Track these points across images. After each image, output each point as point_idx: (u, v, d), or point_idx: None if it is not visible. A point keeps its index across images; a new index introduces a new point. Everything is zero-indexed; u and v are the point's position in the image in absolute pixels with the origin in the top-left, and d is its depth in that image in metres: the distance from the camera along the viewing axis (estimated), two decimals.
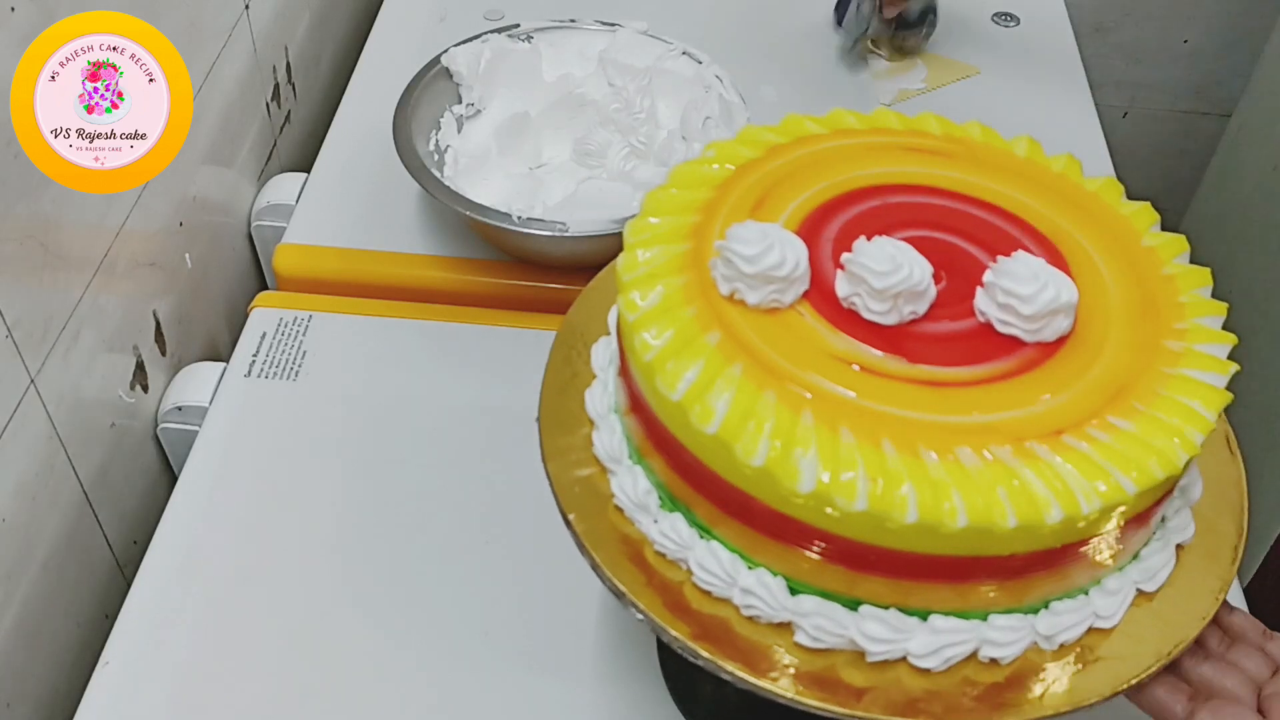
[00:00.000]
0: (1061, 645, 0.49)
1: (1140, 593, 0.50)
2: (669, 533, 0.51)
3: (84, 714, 0.64)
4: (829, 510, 0.44)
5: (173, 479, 0.79)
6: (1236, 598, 0.70)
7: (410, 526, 0.73)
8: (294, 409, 0.79)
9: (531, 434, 0.56)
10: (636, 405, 0.51)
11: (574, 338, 0.60)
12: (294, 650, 0.67)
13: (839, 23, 1.05)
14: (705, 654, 0.48)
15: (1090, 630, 0.49)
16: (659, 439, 0.50)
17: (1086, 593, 0.49)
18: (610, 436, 0.54)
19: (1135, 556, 0.50)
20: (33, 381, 0.66)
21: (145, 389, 0.80)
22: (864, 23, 1.02)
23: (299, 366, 0.81)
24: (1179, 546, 0.52)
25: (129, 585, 0.70)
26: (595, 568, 0.51)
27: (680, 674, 0.65)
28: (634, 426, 0.53)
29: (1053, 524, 0.44)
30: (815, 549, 0.46)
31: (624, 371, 0.53)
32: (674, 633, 0.49)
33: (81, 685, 0.66)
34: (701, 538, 0.50)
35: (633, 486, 0.52)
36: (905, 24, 1.04)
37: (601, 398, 0.56)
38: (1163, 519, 0.51)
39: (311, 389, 0.80)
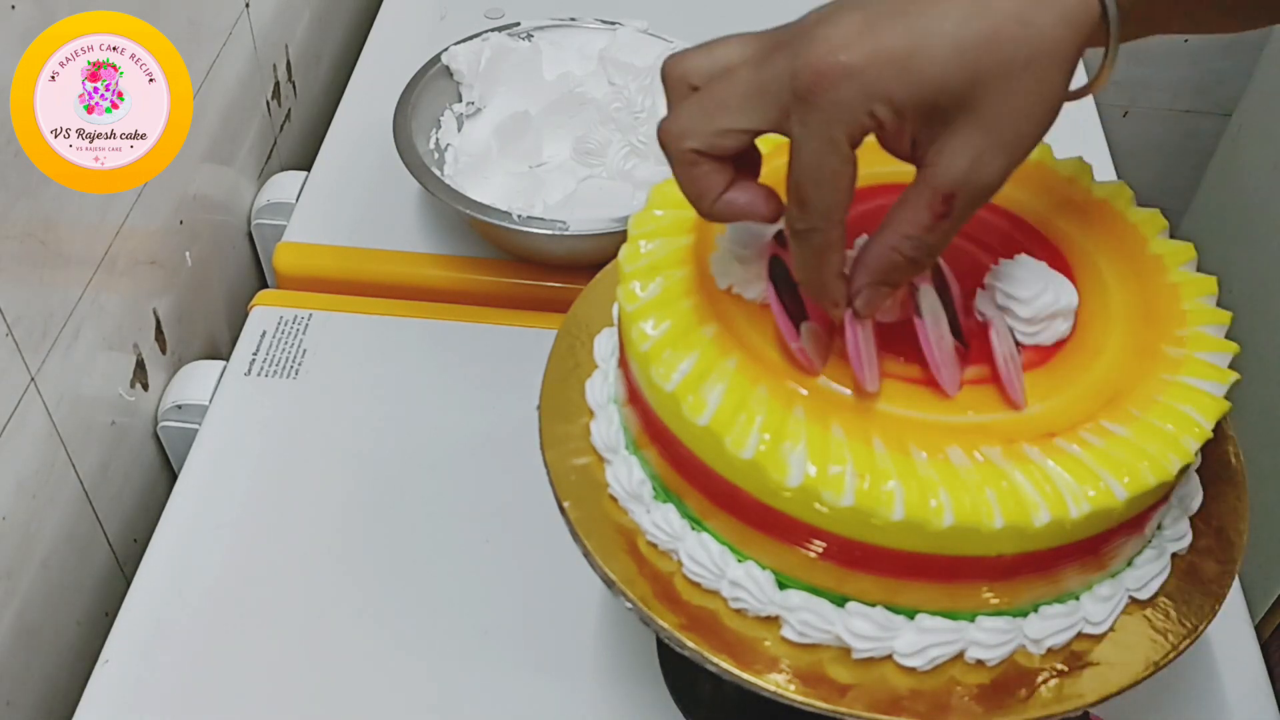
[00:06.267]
0: (1049, 649, 0.49)
1: (1133, 600, 0.50)
2: (661, 523, 0.51)
3: (84, 712, 0.64)
4: (816, 505, 0.44)
5: (172, 477, 0.79)
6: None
7: (410, 525, 0.73)
8: (294, 407, 0.79)
9: (531, 433, 0.56)
10: (634, 395, 0.52)
11: (578, 328, 0.60)
12: (293, 649, 0.67)
13: None
14: (692, 645, 0.49)
15: (1080, 635, 0.49)
16: (654, 430, 0.50)
17: (1077, 598, 0.49)
18: (608, 426, 0.54)
19: (1129, 563, 0.50)
20: (33, 380, 0.66)
21: (145, 387, 0.80)
22: None
23: (299, 365, 0.81)
24: (1175, 555, 0.52)
25: (129, 583, 0.70)
26: (587, 555, 0.52)
27: (680, 672, 0.65)
28: (631, 417, 0.53)
29: (1040, 526, 0.43)
30: (804, 544, 0.46)
31: (623, 362, 0.53)
32: (661, 623, 0.49)
33: (81, 683, 0.66)
34: (693, 529, 0.50)
35: (627, 476, 0.52)
36: None
37: (601, 388, 0.56)
38: (1159, 526, 0.51)
39: (312, 387, 0.80)
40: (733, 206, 0.44)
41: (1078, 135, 1.00)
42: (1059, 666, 0.49)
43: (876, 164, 0.56)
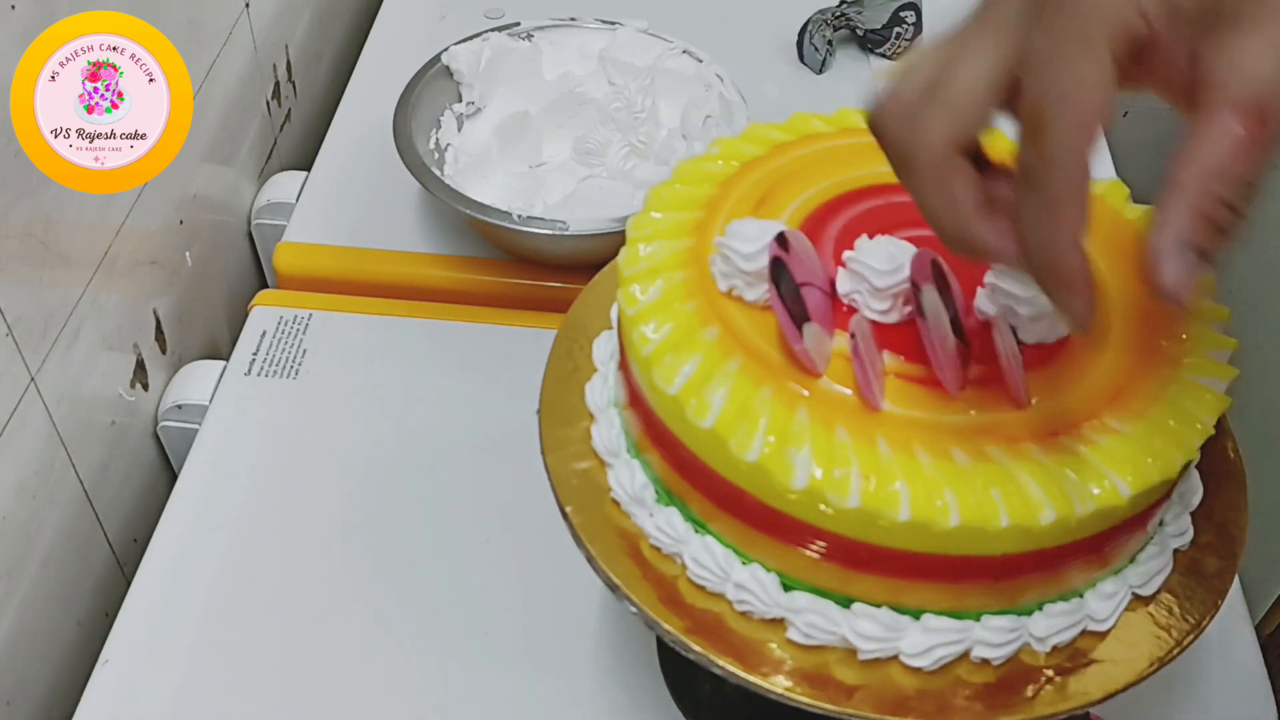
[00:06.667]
0: (1054, 647, 0.49)
1: (1136, 596, 0.50)
2: (664, 527, 0.51)
3: (84, 712, 0.64)
4: (822, 507, 0.44)
5: (172, 477, 0.79)
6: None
7: (410, 525, 0.73)
8: (294, 407, 0.79)
9: (531, 433, 0.56)
10: (635, 399, 0.52)
11: (577, 331, 0.60)
12: (293, 649, 0.67)
13: (801, 58, 1.06)
14: (697, 648, 0.48)
15: (1084, 633, 0.49)
16: (656, 433, 0.50)
17: (1081, 595, 0.49)
18: (609, 430, 0.54)
19: (1132, 560, 0.50)
20: (33, 380, 0.66)
21: (145, 387, 0.80)
22: (821, 53, 1.04)
23: (299, 365, 0.81)
24: (1176, 551, 0.52)
25: (129, 583, 0.70)
26: (590, 560, 0.52)
27: (680, 673, 0.65)
28: (632, 420, 0.53)
29: (1045, 525, 0.43)
30: (809, 546, 0.46)
31: (623, 365, 0.53)
32: (667, 627, 0.49)
33: (81, 683, 0.66)
34: (696, 532, 0.50)
35: (630, 480, 0.52)
36: (874, 40, 1.05)
37: (601, 391, 0.56)
38: (1161, 523, 0.51)
39: (312, 387, 0.80)
40: (992, 234, 0.37)
41: None
42: (1064, 664, 0.49)
43: (875, 164, 0.56)
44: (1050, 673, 0.48)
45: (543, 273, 0.86)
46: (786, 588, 0.48)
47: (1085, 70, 0.32)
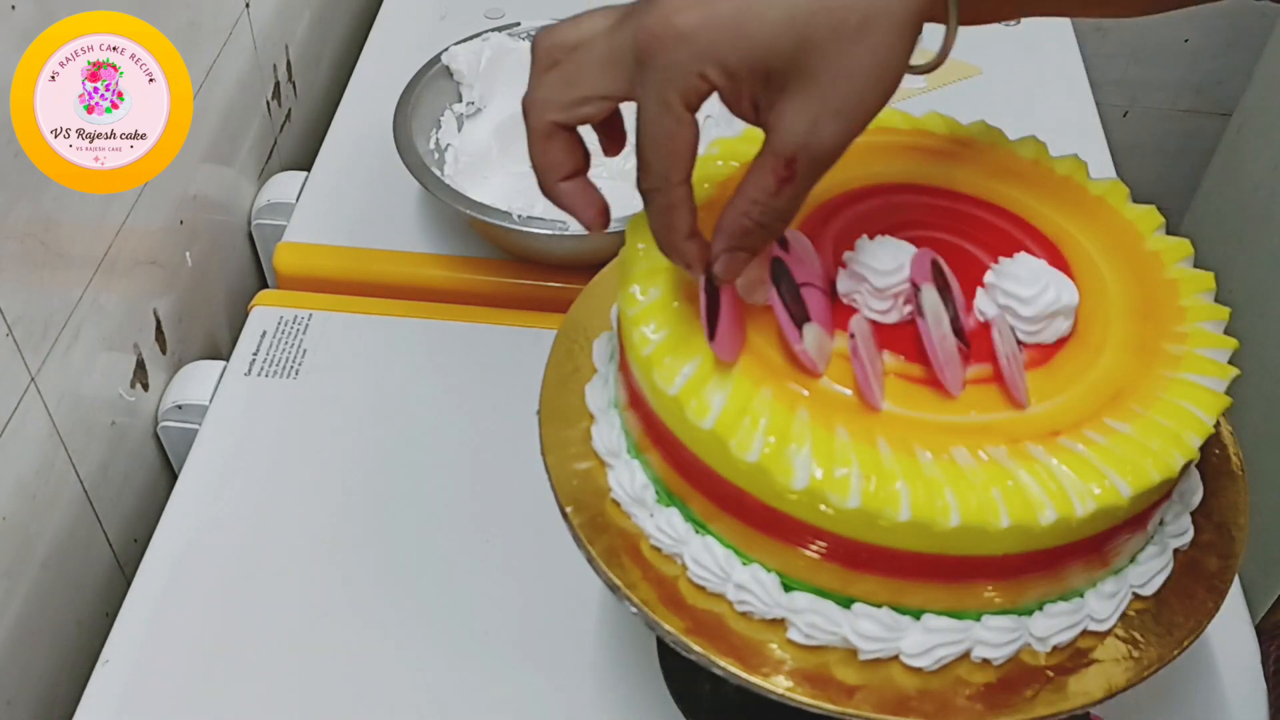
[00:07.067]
0: (1055, 648, 0.49)
1: (1136, 596, 0.50)
2: (665, 527, 0.51)
3: (84, 712, 0.64)
4: (822, 507, 0.44)
5: (173, 477, 0.79)
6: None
7: (410, 525, 0.73)
8: (294, 407, 0.79)
9: (531, 433, 0.56)
10: (635, 400, 0.52)
11: (576, 332, 0.60)
12: (293, 649, 0.67)
13: None
14: (698, 649, 0.48)
15: (1084, 633, 0.49)
16: (656, 434, 0.50)
17: (1082, 595, 0.49)
18: (609, 430, 0.54)
19: (1132, 559, 0.50)
20: (33, 380, 0.66)
21: (145, 387, 0.80)
22: None
23: (299, 365, 0.81)
24: (1177, 550, 0.52)
25: (129, 583, 0.70)
26: (591, 561, 0.52)
27: (680, 672, 0.65)
28: (632, 421, 0.53)
29: (1046, 525, 0.44)
30: (809, 546, 0.46)
31: (623, 366, 0.53)
32: (668, 627, 0.49)
33: (82, 683, 0.66)
34: (697, 533, 0.50)
35: (630, 481, 0.52)
36: None
37: (601, 392, 0.56)
38: (1161, 522, 0.51)
39: (311, 387, 0.80)
40: (566, 196, 0.47)
41: (1078, 135, 1.00)
42: (1064, 664, 0.49)
43: (875, 165, 0.56)
44: (1051, 673, 0.48)
45: (543, 273, 0.86)
46: (787, 588, 0.48)
47: (666, 123, 0.42)
